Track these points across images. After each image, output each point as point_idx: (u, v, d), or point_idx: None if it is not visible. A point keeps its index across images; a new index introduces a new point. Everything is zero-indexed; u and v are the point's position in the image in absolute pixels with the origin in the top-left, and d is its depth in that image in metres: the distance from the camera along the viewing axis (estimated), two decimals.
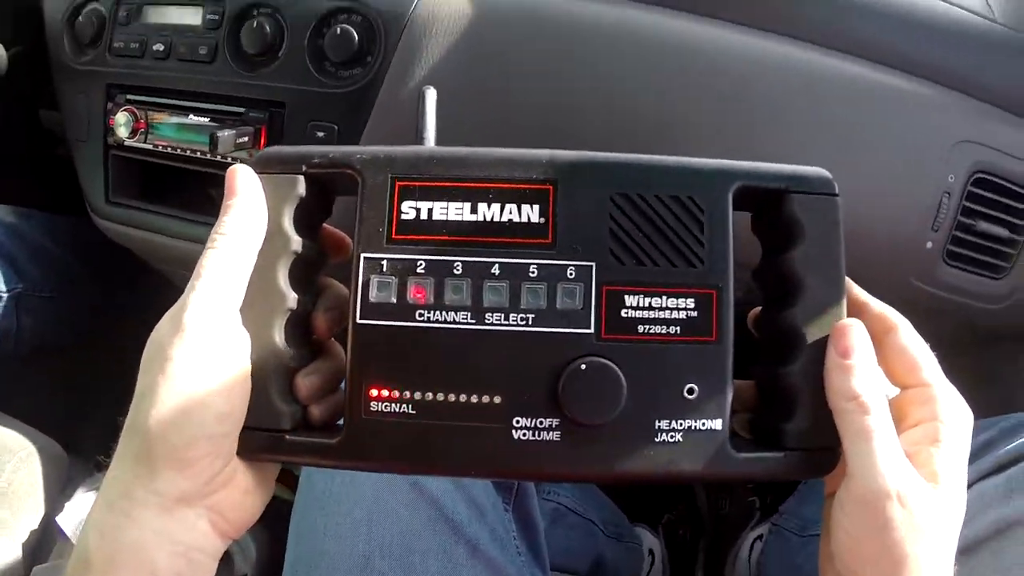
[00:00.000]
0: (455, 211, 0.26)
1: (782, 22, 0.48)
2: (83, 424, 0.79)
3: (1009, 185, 0.50)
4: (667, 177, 0.27)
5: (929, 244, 0.50)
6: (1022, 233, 0.52)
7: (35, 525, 0.61)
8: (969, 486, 0.38)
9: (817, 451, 0.26)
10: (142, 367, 0.25)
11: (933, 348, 0.27)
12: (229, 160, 0.54)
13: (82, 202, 0.66)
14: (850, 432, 0.24)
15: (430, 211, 0.26)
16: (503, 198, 0.26)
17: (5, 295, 0.67)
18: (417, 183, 0.26)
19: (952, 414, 0.25)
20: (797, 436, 0.26)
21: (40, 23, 0.65)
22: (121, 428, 0.25)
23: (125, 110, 0.58)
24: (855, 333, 0.25)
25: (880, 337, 0.27)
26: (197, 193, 0.62)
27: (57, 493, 0.64)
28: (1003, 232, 0.51)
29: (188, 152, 0.56)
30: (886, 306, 0.27)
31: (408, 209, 0.26)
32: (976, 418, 0.27)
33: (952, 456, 0.25)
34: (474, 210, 0.26)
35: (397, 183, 0.26)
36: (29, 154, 0.75)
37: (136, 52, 0.58)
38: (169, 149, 0.57)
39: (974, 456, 0.39)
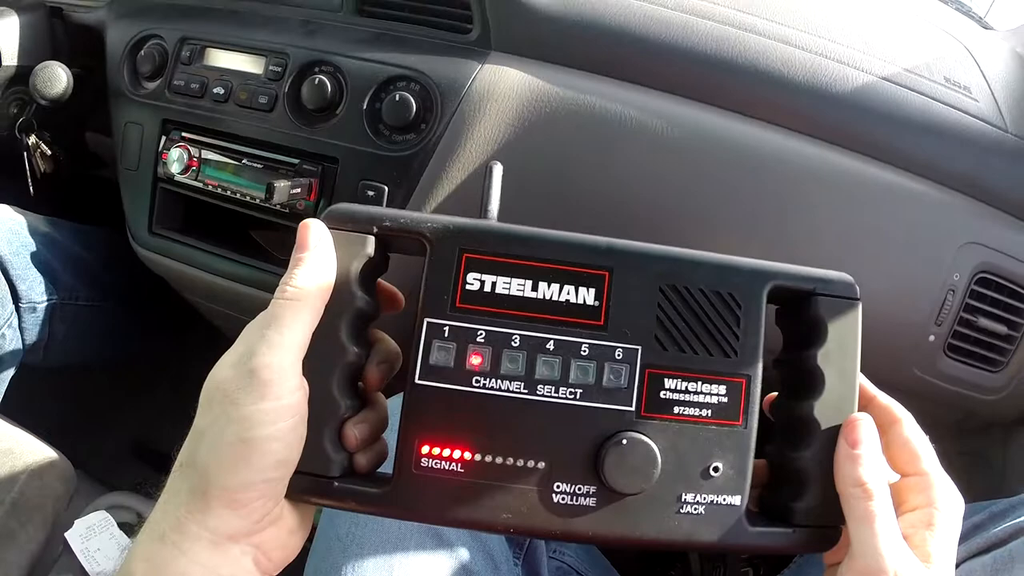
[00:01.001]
0: (517, 287, 0.28)
1: (814, 126, 0.51)
2: (94, 443, 0.79)
3: (1010, 285, 0.53)
4: (711, 273, 0.29)
5: (932, 337, 0.53)
6: (1019, 330, 0.54)
7: (41, 538, 0.61)
8: (959, 564, 0.41)
9: (822, 528, 0.29)
10: (202, 405, 0.26)
11: (932, 433, 0.30)
12: (279, 208, 0.56)
13: (115, 217, 0.67)
14: (855, 514, 0.27)
15: (494, 284, 0.28)
16: (562, 279, 0.28)
17: (40, 305, 0.67)
18: (483, 257, 0.28)
19: (946, 501, 0.28)
20: (805, 514, 0.29)
21: (101, 50, 0.67)
22: (174, 460, 0.27)
23: (179, 146, 0.60)
24: (864, 427, 0.28)
25: (885, 428, 0.30)
26: (238, 233, 0.64)
27: (64, 508, 0.65)
28: (1002, 329, 0.54)
29: (239, 195, 0.58)
30: (891, 400, 0.30)
31: (473, 280, 0.28)
32: (969, 500, 0.30)
33: (944, 539, 0.28)
34: (535, 288, 0.28)
35: (464, 255, 0.28)
36: (72, 173, 0.77)
37: (196, 92, 0.60)
38: (219, 190, 0.59)
39: (965, 537, 0.42)
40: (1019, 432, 0.60)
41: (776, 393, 0.32)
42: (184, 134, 0.61)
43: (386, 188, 0.53)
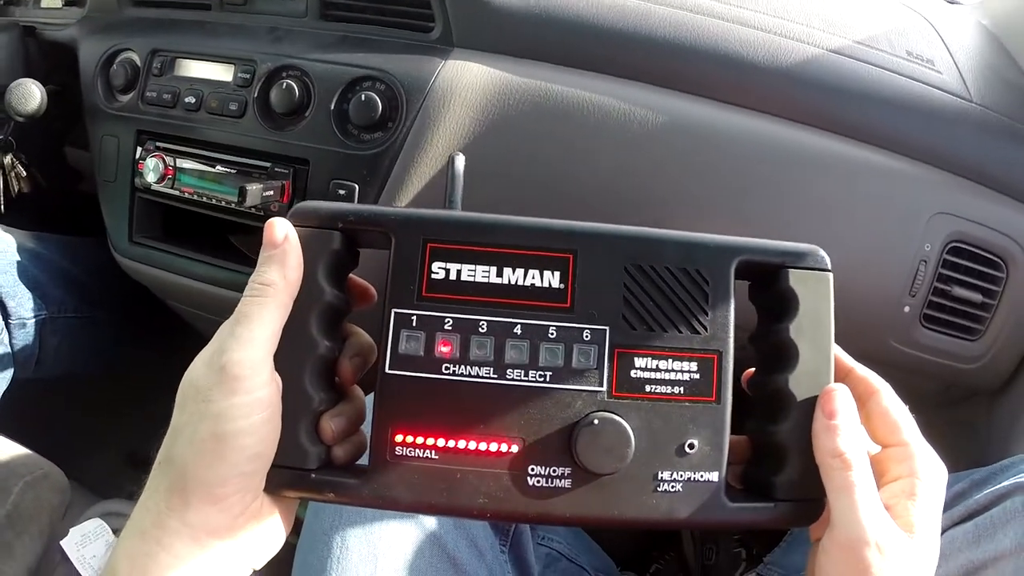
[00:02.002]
0: (482, 273, 0.28)
1: (778, 105, 0.52)
2: (88, 454, 0.80)
3: (982, 253, 0.54)
4: (676, 250, 0.29)
5: (907, 308, 0.53)
6: (995, 297, 0.55)
7: (38, 549, 0.62)
8: (942, 532, 0.41)
9: (804, 502, 0.29)
10: (178, 404, 0.27)
11: (914, 404, 0.30)
12: (254, 211, 0.57)
13: (99, 228, 0.68)
14: (834, 486, 0.27)
15: (459, 272, 0.28)
16: (527, 264, 0.28)
17: (29, 321, 0.68)
18: (447, 246, 0.28)
19: (928, 471, 0.28)
20: (786, 488, 0.29)
21: (75, 66, 0.68)
22: (153, 461, 0.27)
23: (155, 156, 0.60)
24: (840, 397, 0.28)
25: (864, 399, 0.30)
26: (216, 238, 0.64)
27: (59, 519, 0.65)
28: (977, 297, 0.55)
29: (214, 201, 0.59)
30: (869, 371, 0.30)
31: (438, 269, 0.28)
32: (952, 470, 0.30)
33: (927, 508, 0.28)
34: (500, 273, 0.28)
35: (428, 244, 0.28)
36: (53, 188, 0.77)
37: (168, 103, 0.61)
38: (195, 196, 0.60)
39: (947, 505, 0.42)
40: (1002, 400, 0.60)
41: (754, 369, 0.32)
42: (159, 144, 0.62)
43: (357, 187, 0.54)
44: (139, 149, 0.63)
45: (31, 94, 0.65)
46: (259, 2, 0.62)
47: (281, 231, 0.28)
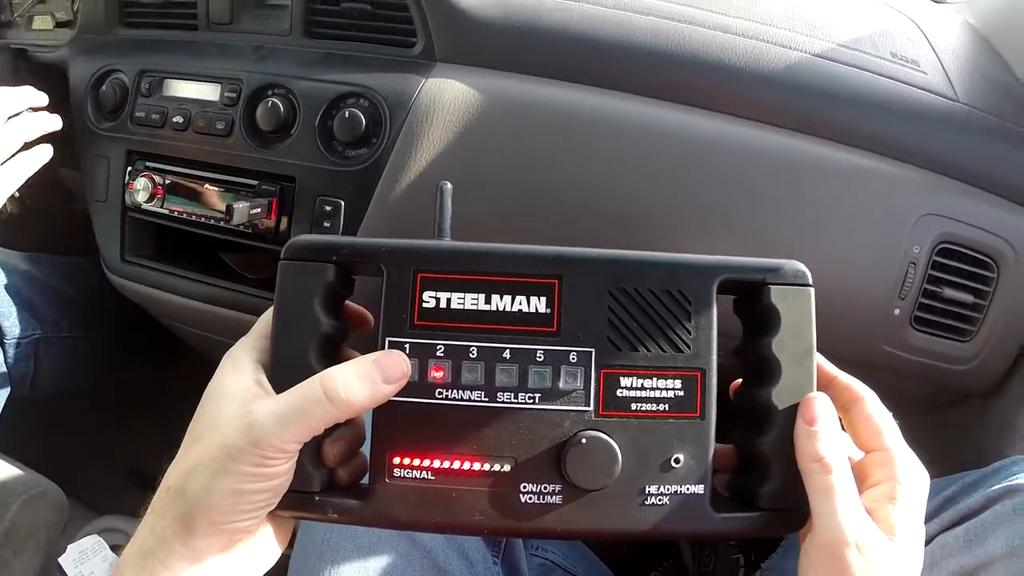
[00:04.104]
0: (471, 301, 0.29)
1: (761, 111, 0.52)
2: (83, 471, 0.80)
3: (972, 253, 0.54)
4: (659, 272, 0.30)
5: (897, 311, 0.53)
6: (986, 298, 0.55)
7: (36, 566, 0.62)
8: (932, 538, 0.41)
9: (788, 510, 0.30)
10: (197, 435, 0.27)
11: (905, 407, 0.30)
12: (241, 228, 0.57)
13: (91, 247, 0.69)
14: (815, 489, 0.28)
15: (449, 301, 0.29)
16: (514, 290, 0.29)
17: (24, 340, 0.69)
18: (437, 275, 0.29)
19: (909, 475, 0.29)
20: (770, 498, 0.30)
21: (65, 87, 0.68)
22: (156, 480, 0.28)
23: (144, 176, 0.61)
24: (820, 404, 0.29)
25: (847, 406, 0.30)
26: (206, 256, 0.65)
27: (57, 535, 0.66)
28: (968, 298, 0.54)
29: (203, 219, 0.59)
30: (852, 379, 0.31)
31: (429, 299, 0.29)
32: (944, 474, 0.30)
33: (908, 512, 0.28)
34: (488, 301, 0.29)
35: (419, 275, 0.29)
36: (47, 209, 0.78)
37: (157, 123, 0.61)
38: (185, 215, 0.60)
39: (938, 510, 0.42)
40: (994, 402, 0.60)
41: (740, 380, 0.33)
42: (148, 164, 0.62)
43: (343, 202, 0.54)
44: (129, 169, 0.63)
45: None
46: (244, 21, 0.62)
47: (403, 370, 0.28)
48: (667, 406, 0.29)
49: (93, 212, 0.67)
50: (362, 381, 0.27)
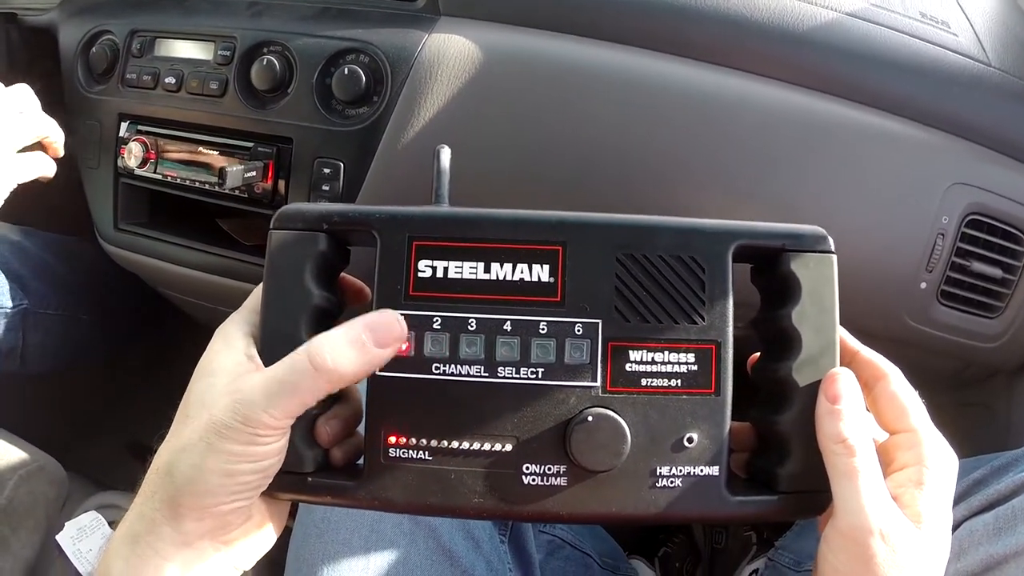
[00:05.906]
0: (469, 270, 0.27)
1: (784, 69, 0.49)
2: (84, 445, 0.79)
3: (1002, 226, 0.52)
4: (670, 237, 0.28)
5: (923, 284, 0.51)
6: (1015, 273, 0.53)
7: (34, 542, 0.61)
8: (960, 524, 0.39)
9: (809, 493, 0.28)
10: (187, 415, 0.26)
11: (928, 385, 0.28)
12: (236, 193, 0.55)
13: (84, 223, 0.67)
14: (837, 472, 0.26)
15: (446, 270, 0.27)
16: (515, 258, 0.28)
17: (10, 310, 0.67)
18: (433, 243, 0.28)
19: (937, 458, 0.27)
20: (790, 480, 0.28)
21: (55, 51, 0.67)
22: (154, 451, 0.27)
23: (137, 140, 0.59)
24: (843, 380, 0.27)
25: (871, 384, 0.28)
26: (203, 222, 0.63)
27: (56, 512, 0.65)
28: (996, 272, 0.52)
29: (196, 184, 0.57)
30: (876, 354, 0.29)
31: (424, 268, 0.27)
32: (972, 454, 0.28)
33: (936, 498, 0.26)
34: (487, 269, 0.27)
35: (414, 243, 0.28)
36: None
37: (148, 84, 0.59)
38: (178, 180, 0.58)
39: (965, 494, 0.40)
40: (1022, 380, 0.58)
41: (758, 354, 0.31)
42: (140, 127, 0.60)
43: (342, 164, 0.52)
44: (121, 133, 0.61)
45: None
46: None
47: (396, 331, 0.26)
48: (679, 381, 0.27)
49: (85, 178, 0.66)
50: (351, 346, 0.25)
